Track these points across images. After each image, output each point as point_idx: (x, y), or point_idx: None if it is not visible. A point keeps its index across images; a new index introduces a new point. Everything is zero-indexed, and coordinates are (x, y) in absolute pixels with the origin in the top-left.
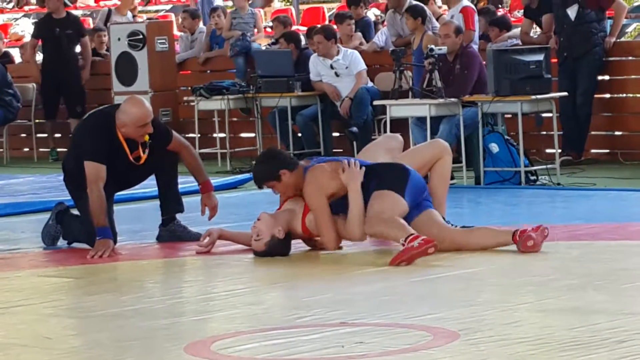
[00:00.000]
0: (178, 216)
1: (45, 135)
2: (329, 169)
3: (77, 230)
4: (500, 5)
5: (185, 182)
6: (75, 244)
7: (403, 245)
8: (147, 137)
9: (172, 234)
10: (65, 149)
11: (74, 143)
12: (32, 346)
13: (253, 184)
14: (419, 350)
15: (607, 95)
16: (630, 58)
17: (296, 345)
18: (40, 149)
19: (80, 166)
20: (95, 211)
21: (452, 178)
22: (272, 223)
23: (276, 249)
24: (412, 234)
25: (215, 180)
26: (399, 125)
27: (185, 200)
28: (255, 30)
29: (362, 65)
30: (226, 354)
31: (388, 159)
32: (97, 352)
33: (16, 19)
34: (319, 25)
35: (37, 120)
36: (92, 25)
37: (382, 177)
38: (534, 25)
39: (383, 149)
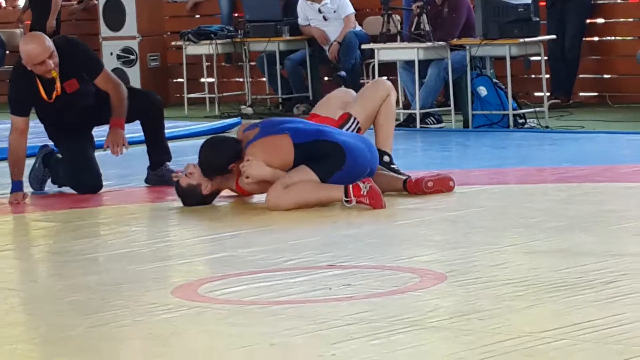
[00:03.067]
0: None
1: None
2: (266, 148)
3: (63, 175)
4: None
5: (174, 127)
6: (63, 188)
7: (349, 201)
8: (54, 73)
9: (160, 178)
10: None
11: None
12: (19, 290)
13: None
14: (406, 292)
15: (596, 38)
16: (619, 1)
17: (284, 287)
18: None
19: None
20: (9, 164)
21: (441, 122)
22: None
23: (192, 199)
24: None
25: (203, 125)
26: (388, 69)
27: (172, 145)
28: None
29: (350, 9)
30: (213, 296)
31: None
32: (84, 295)
33: None
34: None
35: None
36: None
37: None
38: None
39: (338, 104)
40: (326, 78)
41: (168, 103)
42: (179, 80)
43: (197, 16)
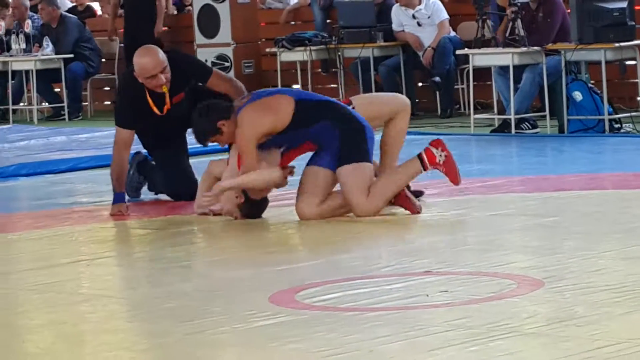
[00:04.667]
0: None
1: None
2: (260, 107)
3: (159, 182)
4: None
5: None
6: (160, 195)
7: (425, 170)
8: (165, 88)
9: None
10: None
11: None
12: (118, 297)
13: None
14: (503, 298)
15: None
16: None
17: (380, 294)
18: None
19: None
20: (111, 175)
21: (536, 127)
22: (227, 197)
23: (252, 209)
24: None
25: None
26: (482, 74)
27: None
28: None
29: (445, 15)
30: (310, 303)
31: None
32: (182, 302)
33: None
34: None
35: None
36: None
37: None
38: None
39: None
40: (420, 84)
41: None
42: (274, 86)
43: (292, 22)
